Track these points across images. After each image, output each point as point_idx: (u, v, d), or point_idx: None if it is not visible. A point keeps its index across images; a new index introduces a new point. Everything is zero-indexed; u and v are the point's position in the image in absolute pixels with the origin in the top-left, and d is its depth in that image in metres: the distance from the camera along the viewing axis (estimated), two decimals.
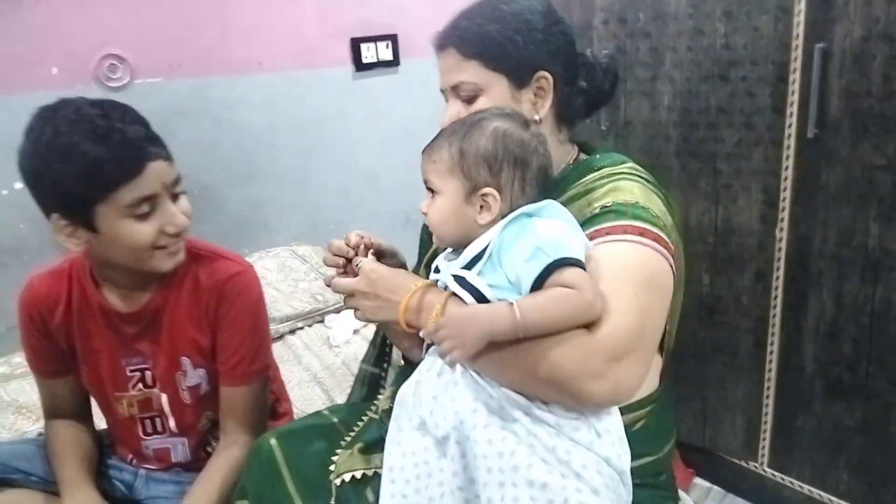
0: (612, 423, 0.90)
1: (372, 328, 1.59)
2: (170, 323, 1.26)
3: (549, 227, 0.90)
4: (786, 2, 1.64)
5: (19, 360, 1.95)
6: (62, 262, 1.28)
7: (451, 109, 1.09)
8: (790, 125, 1.69)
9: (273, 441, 1.12)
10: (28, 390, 1.82)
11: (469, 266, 0.93)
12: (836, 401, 1.74)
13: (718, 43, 1.79)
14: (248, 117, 2.38)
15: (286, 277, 2.23)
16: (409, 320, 0.97)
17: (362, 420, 1.21)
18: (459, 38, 1.06)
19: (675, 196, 1.90)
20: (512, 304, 0.85)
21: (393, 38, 2.60)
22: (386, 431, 0.97)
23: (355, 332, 2.14)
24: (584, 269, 0.88)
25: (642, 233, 0.96)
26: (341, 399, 1.79)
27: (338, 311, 2.24)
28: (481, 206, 0.95)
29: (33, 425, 1.70)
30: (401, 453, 0.91)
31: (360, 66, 2.57)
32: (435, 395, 0.91)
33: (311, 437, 1.15)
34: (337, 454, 1.11)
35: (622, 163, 1.09)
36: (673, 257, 0.99)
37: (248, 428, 1.28)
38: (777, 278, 1.78)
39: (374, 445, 1.08)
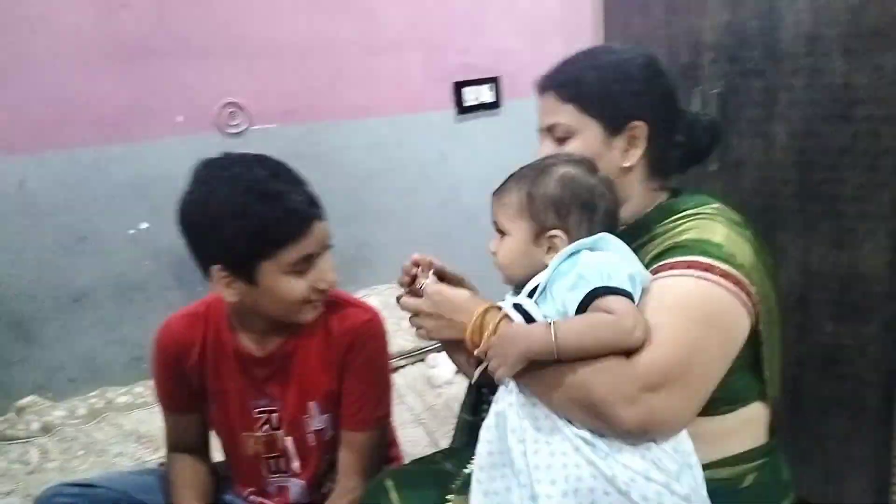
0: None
1: None
2: (300, 367, 1.29)
3: (594, 258, 0.93)
4: None
5: (141, 390, 2.06)
6: (198, 305, 1.34)
7: (544, 149, 1.12)
8: None
9: (389, 482, 1.14)
10: (149, 420, 1.91)
11: (529, 296, 0.97)
12: None
13: (838, 82, 1.72)
14: (356, 160, 2.45)
15: (390, 315, 2.23)
16: (474, 340, 1.01)
17: (470, 463, 1.20)
18: (559, 82, 1.11)
19: (792, 239, 1.83)
20: (549, 324, 0.89)
21: (495, 81, 2.64)
22: None
23: (457, 371, 2.14)
24: (631, 299, 0.90)
25: (708, 268, 0.96)
26: (444, 441, 1.79)
27: (439, 350, 2.26)
28: (549, 248, 0.98)
29: (153, 454, 1.78)
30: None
31: (461, 108, 2.62)
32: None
33: (425, 481, 1.16)
34: (448, 500, 1.10)
35: (706, 204, 1.08)
36: (749, 296, 0.97)
37: (365, 473, 1.29)
38: None
39: None
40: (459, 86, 2.60)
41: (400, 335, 2.20)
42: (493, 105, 2.67)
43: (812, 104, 1.77)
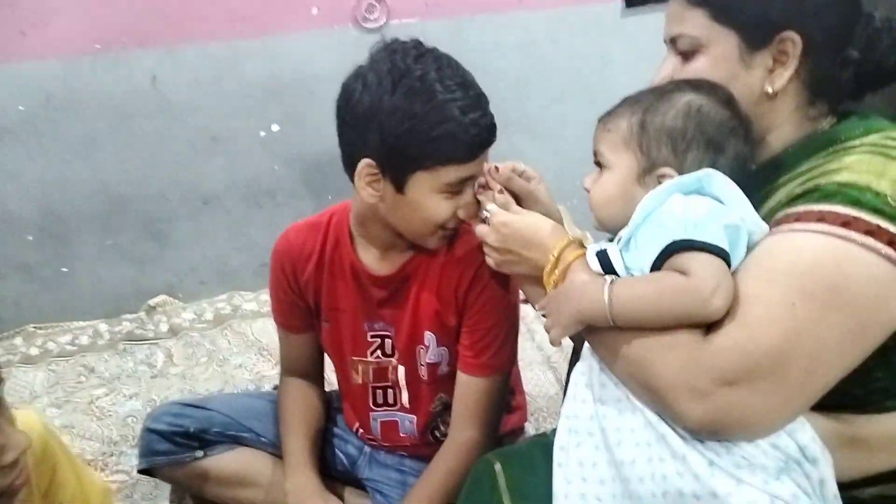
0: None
1: None
2: (418, 292, 1.19)
3: (684, 204, 0.77)
4: None
5: (266, 297, 2.02)
6: (321, 215, 1.25)
7: (666, 66, 0.92)
8: None
9: (497, 464, 0.99)
10: (271, 331, 1.86)
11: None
12: None
13: None
14: (504, 61, 2.23)
15: None
16: (551, 281, 0.89)
17: None
18: None
19: None
20: (605, 282, 0.77)
21: None
22: None
23: None
24: (724, 259, 0.73)
25: (848, 223, 0.72)
26: None
27: None
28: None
29: (272, 369, 1.74)
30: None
31: (630, 1, 2.27)
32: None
33: (535, 462, 1.00)
34: None
35: (877, 131, 0.82)
36: None
37: (480, 424, 1.18)
38: None
39: None
40: None
41: None
42: None
43: None
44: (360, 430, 1.31)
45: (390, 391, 1.26)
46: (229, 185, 2.07)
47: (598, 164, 0.88)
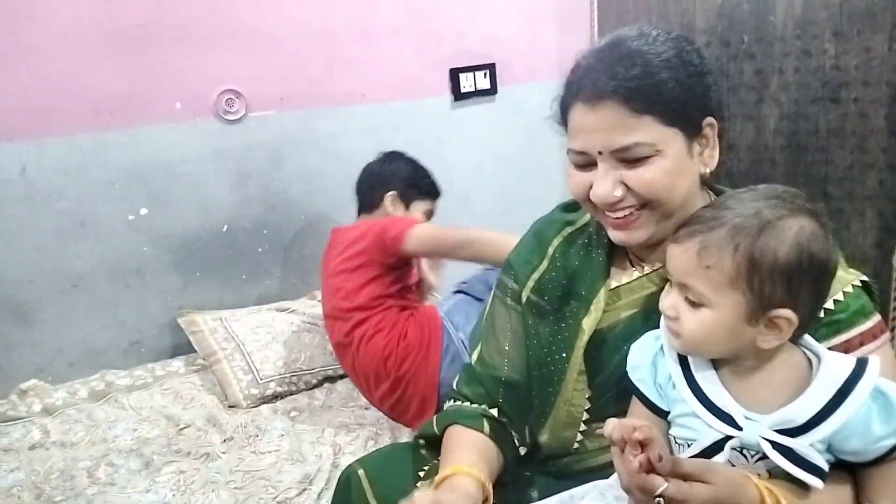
0: None
1: None
2: None
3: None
4: None
5: (140, 373, 2.09)
6: None
7: (606, 179, 0.90)
8: None
9: (360, 470, 1.09)
10: (148, 401, 1.94)
11: (793, 433, 0.77)
12: None
13: (828, 64, 1.74)
14: (352, 145, 2.47)
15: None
16: None
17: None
18: (628, 90, 0.86)
19: None
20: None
21: (491, 68, 2.66)
22: None
23: None
24: None
25: None
26: None
27: None
28: (766, 328, 0.78)
29: (150, 431, 1.80)
30: None
31: (457, 95, 2.64)
32: None
33: (398, 468, 1.10)
34: (419, 487, 1.04)
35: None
36: None
37: None
38: (894, 308, 1.69)
39: None
40: (455, 72, 2.61)
41: None
42: (489, 91, 2.69)
43: (802, 87, 1.79)
44: None
45: None
46: (97, 267, 2.13)
47: (689, 299, 0.81)
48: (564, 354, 1.04)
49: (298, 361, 2.04)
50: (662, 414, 0.89)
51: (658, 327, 0.90)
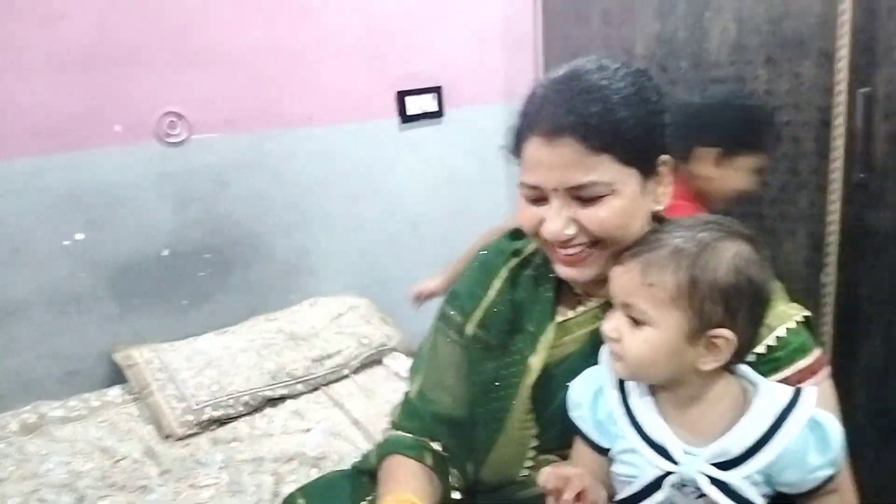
0: None
1: None
2: None
3: (840, 433, 0.79)
4: (828, 48, 1.64)
5: (75, 403, 2.02)
6: None
7: (559, 217, 0.89)
8: (835, 170, 1.67)
9: (300, 499, 1.10)
10: (82, 434, 1.87)
11: (730, 464, 0.78)
12: (890, 450, 1.67)
13: (761, 89, 1.80)
14: (299, 168, 2.46)
15: (330, 325, 2.27)
16: None
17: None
18: (586, 127, 0.84)
19: None
20: None
21: (437, 90, 2.68)
22: None
23: None
24: None
25: None
26: None
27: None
28: (706, 348, 0.80)
29: (84, 465, 1.75)
30: None
31: (405, 117, 2.64)
32: None
33: (338, 491, 1.12)
34: None
35: None
36: None
37: None
38: (824, 324, 1.74)
39: None
40: (403, 95, 2.62)
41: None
42: (436, 114, 2.70)
43: None
44: None
45: None
46: (32, 294, 2.06)
47: (632, 316, 0.82)
48: (511, 391, 1.02)
49: (234, 384, 1.99)
50: (604, 451, 0.89)
51: None
